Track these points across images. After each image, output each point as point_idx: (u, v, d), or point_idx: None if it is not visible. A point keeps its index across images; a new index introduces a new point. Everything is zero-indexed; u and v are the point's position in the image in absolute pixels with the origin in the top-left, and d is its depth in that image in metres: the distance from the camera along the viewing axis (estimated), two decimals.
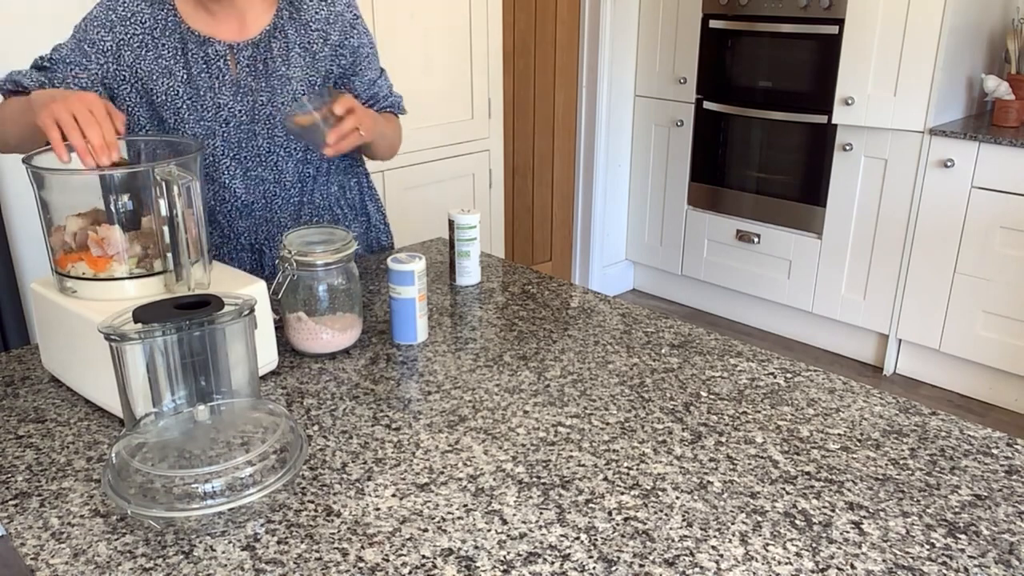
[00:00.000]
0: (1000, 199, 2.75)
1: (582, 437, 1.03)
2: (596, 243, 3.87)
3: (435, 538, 0.85)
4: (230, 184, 1.45)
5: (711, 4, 3.38)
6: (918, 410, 1.10)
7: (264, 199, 1.49)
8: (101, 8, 1.36)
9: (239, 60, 1.40)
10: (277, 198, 1.50)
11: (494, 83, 3.06)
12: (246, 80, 1.40)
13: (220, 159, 1.43)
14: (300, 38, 1.44)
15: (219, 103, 1.39)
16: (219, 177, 1.44)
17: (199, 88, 1.38)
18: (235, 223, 1.49)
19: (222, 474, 0.84)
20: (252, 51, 1.41)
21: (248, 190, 1.46)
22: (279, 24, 1.42)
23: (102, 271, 1.08)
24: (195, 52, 1.37)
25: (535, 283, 1.54)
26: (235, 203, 1.47)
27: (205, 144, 1.40)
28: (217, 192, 1.46)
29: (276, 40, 1.42)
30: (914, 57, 2.85)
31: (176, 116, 1.38)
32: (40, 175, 1.10)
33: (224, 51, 1.39)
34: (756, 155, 3.41)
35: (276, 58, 1.42)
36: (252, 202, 1.48)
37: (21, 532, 0.86)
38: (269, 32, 1.41)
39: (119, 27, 1.35)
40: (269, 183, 1.47)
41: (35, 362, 1.24)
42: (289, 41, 1.43)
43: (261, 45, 1.41)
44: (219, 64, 1.38)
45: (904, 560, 0.82)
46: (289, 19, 1.43)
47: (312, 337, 1.23)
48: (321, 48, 1.45)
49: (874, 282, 3.14)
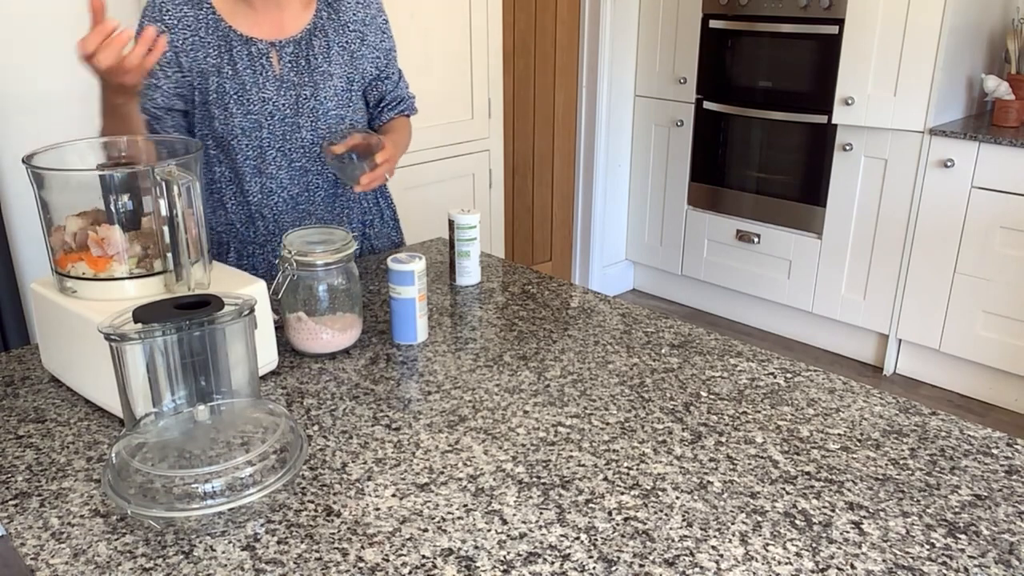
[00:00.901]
0: (1000, 199, 2.75)
1: (582, 437, 1.03)
2: (596, 243, 3.87)
3: (435, 538, 0.85)
4: (277, 175, 1.51)
5: (711, 4, 3.38)
6: (918, 410, 1.10)
7: (307, 191, 1.55)
8: (149, 21, 1.42)
9: (281, 57, 1.47)
10: (319, 190, 1.57)
11: (494, 83, 3.06)
12: (289, 76, 1.48)
13: (267, 151, 1.49)
14: (339, 37, 1.52)
15: (264, 97, 1.46)
16: (266, 168, 1.50)
17: (245, 84, 1.44)
18: (281, 218, 1.55)
19: (222, 474, 0.84)
20: (294, 48, 1.48)
21: (293, 181, 1.53)
22: (319, 23, 1.50)
23: (102, 271, 1.08)
24: (239, 50, 1.44)
25: (535, 283, 1.54)
26: (282, 195, 1.53)
27: (252, 136, 1.47)
28: (264, 184, 1.52)
29: (317, 38, 1.50)
30: (914, 57, 2.85)
31: (225, 112, 1.45)
32: (40, 175, 1.10)
33: (266, 48, 1.46)
34: (756, 155, 3.41)
35: (318, 55, 1.49)
36: (297, 194, 1.54)
37: (21, 532, 0.86)
38: (310, 30, 1.49)
39: (174, 35, 1.42)
40: (312, 174, 1.54)
41: (35, 362, 1.24)
42: (329, 40, 1.51)
43: (303, 42, 1.49)
44: (262, 61, 1.46)
45: (904, 560, 0.82)
46: (328, 19, 1.51)
47: (312, 337, 1.23)
48: (359, 48, 1.54)
49: (874, 282, 3.14)
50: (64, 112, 2.29)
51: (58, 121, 2.28)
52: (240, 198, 1.52)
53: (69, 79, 2.29)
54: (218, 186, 1.52)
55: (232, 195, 1.52)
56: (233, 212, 1.53)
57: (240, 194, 1.52)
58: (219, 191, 1.52)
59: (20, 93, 2.21)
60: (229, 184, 1.52)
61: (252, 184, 1.51)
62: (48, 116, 2.26)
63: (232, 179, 1.51)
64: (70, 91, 2.30)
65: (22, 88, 2.21)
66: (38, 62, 2.23)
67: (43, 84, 2.25)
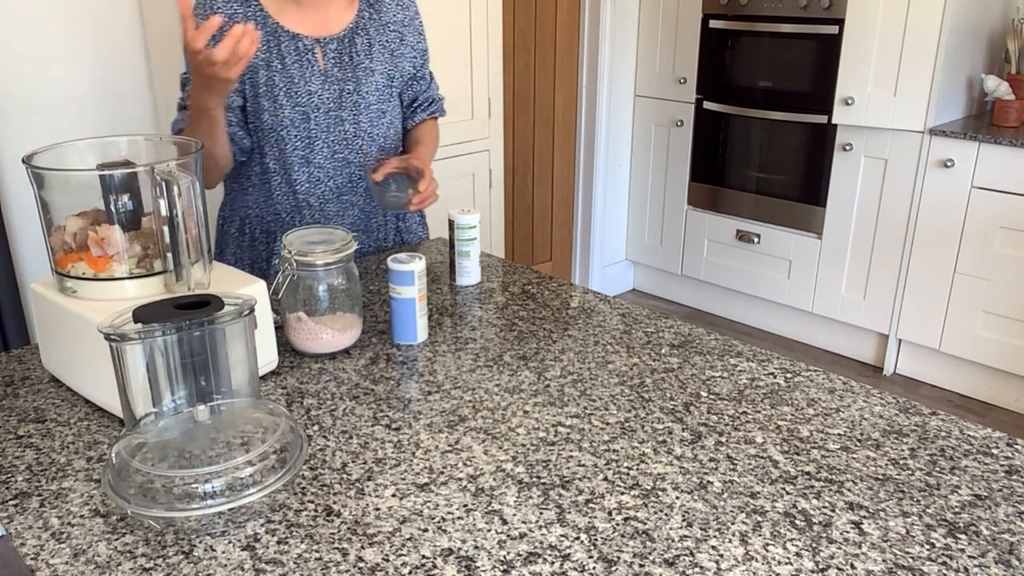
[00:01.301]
0: (1000, 199, 2.75)
1: (582, 437, 1.03)
2: (596, 243, 3.87)
3: (435, 538, 0.85)
4: (323, 165, 1.57)
5: (711, 4, 3.38)
6: (918, 410, 1.10)
7: (350, 183, 1.61)
8: (201, 17, 1.45)
9: (326, 53, 1.54)
10: (362, 182, 1.62)
11: (494, 83, 3.06)
12: (332, 71, 1.54)
13: (315, 141, 1.55)
14: (380, 36, 1.59)
15: (310, 90, 1.52)
16: (314, 159, 1.56)
17: (293, 77, 1.51)
18: (326, 207, 1.60)
19: (222, 474, 0.84)
20: (338, 45, 1.55)
21: (337, 172, 1.59)
22: (361, 22, 1.57)
23: (102, 271, 1.08)
24: (287, 45, 1.51)
25: (535, 283, 1.54)
26: (328, 184, 1.59)
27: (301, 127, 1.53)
28: (312, 174, 1.57)
29: (359, 36, 1.57)
30: (914, 57, 2.85)
31: (275, 104, 1.51)
32: (40, 175, 1.10)
33: (312, 45, 1.53)
34: (756, 155, 3.41)
35: (360, 52, 1.56)
36: (341, 184, 1.60)
37: (21, 532, 0.86)
38: (353, 28, 1.56)
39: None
40: (355, 166, 1.60)
41: (35, 362, 1.24)
42: (371, 38, 1.58)
43: (346, 40, 1.55)
44: (308, 56, 1.52)
45: (904, 560, 0.82)
46: (370, 19, 1.58)
47: (312, 337, 1.23)
48: (398, 47, 1.61)
49: (874, 282, 3.14)
50: (64, 112, 2.29)
51: (58, 121, 2.28)
52: (287, 188, 1.58)
53: (69, 80, 2.29)
54: (266, 177, 1.57)
55: (279, 185, 1.58)
56: (280, 202, 1.59)
57: (287, 184, 1.57)
58: (267, 182, 1.58)
59: (20, 93, 2.21)
60: (276, 175, 1.57)
61: (300, 174, 1.56)
62: (48, 116, 2.26)
63: (280, 170, 1.56)
64: (70, 91, 2.30)
65: (22, 88, 2.21)
66: (38, 63, 2.23)
67: (43, 84, 2.25)
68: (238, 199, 1.62)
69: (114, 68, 2.37)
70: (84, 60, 2.31)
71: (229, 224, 1.64)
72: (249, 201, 1.60)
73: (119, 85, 2.39)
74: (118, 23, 2.36)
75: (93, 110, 2.36)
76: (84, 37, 2.30)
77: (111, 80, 2.37)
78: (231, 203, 1.64)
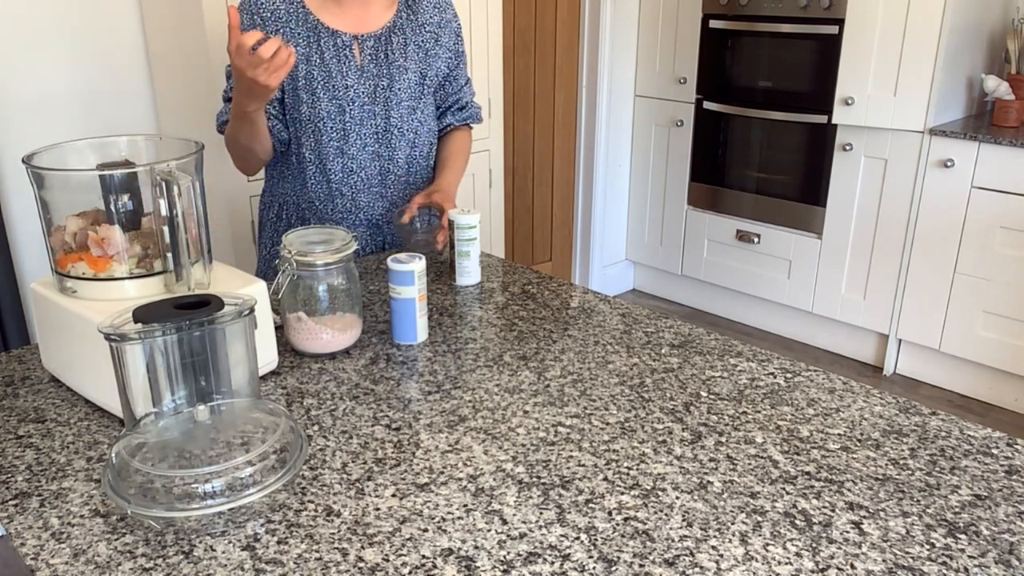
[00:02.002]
0: (1000, 199, 2.75)
1: (582, 437, 1.03)
2: (596, 243, 3.87)
3: (435, 538, 0.85)
4: (357, 156, 1.63)
5: (711, 4, 3.38)
6: (918, 410, 1.10)
7: (380, 175, 1.67)
8: (245, 13, 1.56)
9: (363, 49, 1.60)
10: (390, 175, 1.68)
11: (494, 83, 3.06)
12: (368, 67, 1.60)
13: (349, 133, 1.62)
14: (416, 36, 1.64)
15: (347, 84, 1.59)
16: (348, 149, 1.63)
17: (331, 71, 1.57)
18: (358, 196, 1.66)
19: (222, 474, 0.84)
20: (375, 43, 1.61)
21: (369, 163, 1.65)
22: (398, 22, 1.63)
23: (102, 271, 1.08)
24: (326, 40, 1.57)
25: (535, 283, 1.54)
26: (360, 174, 1.65)
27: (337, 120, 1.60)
28: (346, 164, 1.64)
29: (396, 35, 1.62)
30: (914, 57, 2.85)
31: (313, 96, 1.58)
32: (40, 175, 1.10)
33: (350, 41, 1.59)
34: (756, 155, 3.41)
35: (395, 50, 1.62)
36: (371, 176, 1.66)
37: (21, 532, 0.86)
38: (390, 28, 1.62)
39: (267, 27, 1.55)
40: (384, 159, 1.66)
41: (35, 362, 1.24)
42: (407, 38, 1.63)
43: (382, 38, 1.61)
44: (346, 52, 1.58)
45: (904, 560, 0.82)
46: (407, 19, 1.64)
47: (312, 337, 1.23)
48: (433, 47, 1.67)
49: (874, 282, 3.14)
50: (64, 112, 2.29)
51: (58, 121, 2.28)
52: (322, 177, 1.63)
53: (69, 80, 2.29)
54: (302, 167, 1.64)
55: (314, 175, 1.64)
56: (314, 191, 1.65)
57: (323, 173, 1.63)
58: (303, 171, 1.64)
59: (20, 93, 2.21)
60: (311, 165, 1.63)
61: (334, 164, 1.62)
62: (48, 116, 2.26)
63: (315, 160, 1.62)
64: (70, 91, 2.30)
65: (22, 88, 2.21)
66: (39, 63, 2.23)
67: (43, 84, 2.25)
68: (276, 186, 1.70)
69: (114, 68, 2.37)
70: (84, 60, 2.31)
71: (268, 209, 1.73)
72: (287, 188, 1.68)
73: (119, 85, 2.39)
74: (118, 23, 2.36)
75: (93, 110, 2.36)
76: (84, 37, 2.30)
77: (111, 80, 2.37)
78: (271, 189, 1.72)
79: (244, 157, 1.60)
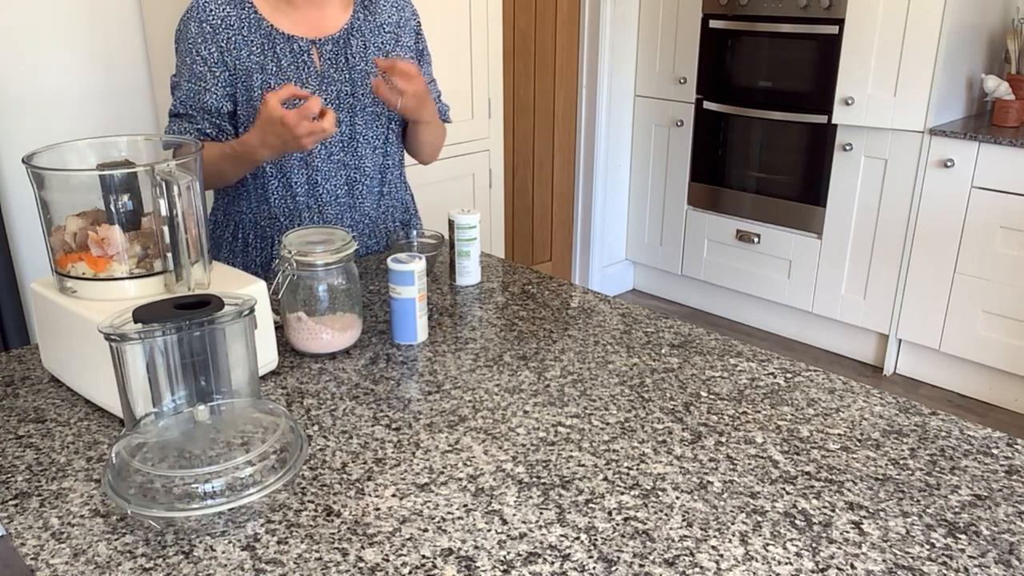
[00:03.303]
0: (1000, 199, 2.75)
1: (582, 437, 1.03)
2: (596, 243, 3.87)
3: (435, 538, 0.85)
4: (321, 167, 1.56)
5: (711, 4, 3.38)
6: (918, 410, 1.10)
7: (347, 186, 1.59)
8: (194, 22, 1.47)
9: (322, 54, 1.52)
10: (359, 185, 1.61)
11: (494, 83, 3.06)
12: (329, 72, 1.52)
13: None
14: (375, 38, 1.57)
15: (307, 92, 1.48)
16: (312, 161, 1.55)
17: (290, 79, 1.49)
18: (325, 210, 1.59)
19: (222, 474, 0.84)
20: (333, 47, 1.53)
21: (335, 174, 1.57)
22: (356, 24, 1.55)
23: (102, 271, 1.08)
24: (282, 47, 1.49)
25: (535, 283, 1.54)
26: (326, 186, 1.57)
27: None
28: (310, 176, 1.56)
29: (354, 38, 1.55)
30: (914, 57, 2.85)
31: None
32: (40, 175, 1.10)
33: (307, 46, 1.51)
34: (756, 155, 3.41)
35: (355, 54, 1.54)
36: (338, 187, 1.59)
37: (21, 532, 0.86)
38: (348, 31, 1.54)
39: (218, 35, 1.46)
40: (351, 168, 1.59)
41: (35, 362, 1.24)
42: (366, 40, 1.56)
43: (341, 41, 1.53)
44: (304, 58, 1.50)
45: (904, 560, 0.82)
46: (364, 20, 1.57)
47: (312, 337, 1.23)
48: (393, 48, 1.59)
49: (874, 282, 3.15)
50: (64, 112, 2.29)
51: (58, 121, 2.28)
52: (285, 191, 1.56)
53: (69, 79, 2.29)
54: (262, 181, 1.56)
55: (276, 190, 1.56)
56: (277, 206, 1.57)
57: (286, 188, 1.56)
58: (263, 186, 1.56)
59: (20, 93, 2.21)
60: (272, 179, 1.55)
61: (299, 176, 1.55)
62: (48, 116, 2.26)
63: (277, 174, 1.55)
64: (70, 91, 2.30)
65: (22, 88, 2.21)
66: (39, 62, 2.23)
67: (43, 84, 2.25)
68: (232, 204, 1.60)
69: (114, 68, 2.37)
70: (84, 60, 2.31)
71: (223, 228, 1.62)
72: (243, 206, 1.59)
73: (119, 85, 2.39)
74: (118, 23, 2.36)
75: (93, 110, 2.36)
76: (84, 37, 2.30)
77: (111, 80, 2.37)
78: (224, 207, 1.62)
79: (212, 184, 1.52)
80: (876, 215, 3.08)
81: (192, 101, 1.48)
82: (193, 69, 1.47)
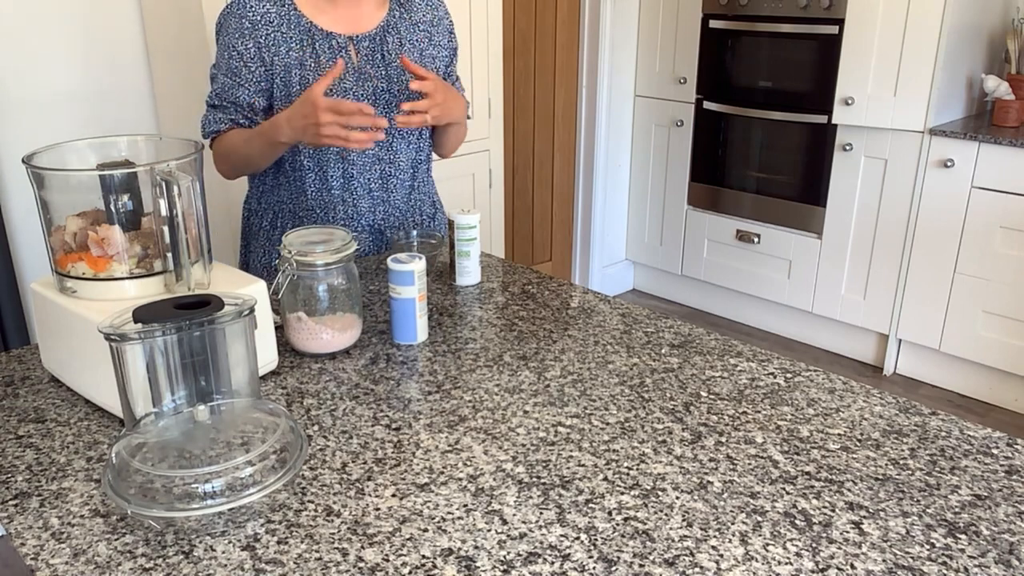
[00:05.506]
0: (1000, 199, 2.75)
1: (582, 437, 1.03)
2: (596, 243, 3.87)
3: (435, 538, 0.85)
4: (357, 161, 1.60)
5: (711, 4, 3.38)
6: (918, 410, 1.10)
7: (381, 179, 1.63)
8: (234, 17, 1.50)
9: (359, 50, 1.55)
10: (392, 179, 1.65)
11: (494, 83, 3.06)
12: (366, 69, 1.56)
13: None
14: (410, 35, 1.61)
15: (344, 88, 1.54)
16: (348, 155, 1.59)
17: None
18: (359, 203, 1.63)
19: (222, 474, 0.84)
20: (370, 43, 1.56)
21: (371, 168, 1.62)
22: (392, 22, 1.59)
23: (102, 271, 1.08)
24: (321, 43, 1.52)
25: (535, 283, 1.54)
26: (361, 180, 1.61)
27: None
28: (346, 170, 1.60)
29: (390, 35, 1.58)
30: (914, 57, 2.85)
31: None
32: (40, 175, 1.10)
33: (345, 43, 1.54)
34: (756, 155, 3.42)
35: (391, 50, 1.58)
36: (372, 180, 1.63)
37: (21, 532, 0.86)
38: (384, 28, 1.58)
39: (256, 31, 1.49)
40: (385, 163, 1.63)
41: (35, 362, 1.24)
42: (402, 37, 1.59)
43: (377, 38, 1.57)
44: (342, 54, 1.53)
45: (904, 560, 0.82)
46: (400, 18, 1.60)
47: (312, 337, 1.23)
48: (427, 46, 1.63)
49: (874, 282, 3.15)
50: (64, 112, 2.29)
51: (58, 121, 2.28)
52: (322, 184, 1.60)
53: (69, 80, 2.29)
54: (300, 173, 1.59)
55: (313, 182, 1.59)
56: (314, 198, 1.61)
57: (322, 181, 1.59)
58: (300, 179, 1.59)
59: (20, 93, 2.21)
60: (310, 172, 1.59)
61: (335, 170, 1.59)
62: (48, 116, 2.26)
63: (314, 167, 1.58)
64: (70, 91, 2.30)
65: (22, 88, 2.21)
66: (38, 63, 2.23)
67: (43, 84, 2.25)
68: (270, 193, 1.64)
69: (114, 68, 2.37)
70: (84, 60, 2.31)
71: (259, 216, 1.66)
72: (282, 195, 1.63)
73: (119, 85, 2.39)
74: (118, 23, 2.36)
75: (93, 110, 2.36)
76: (84, 37, 2.30)
77: (111, 80, 2.37)
78: (260, 196, 1.66)
79: (243, 169, 1.57)
80: (876, 215, 3.08)
81: (226, 94, 1.52)
82: (229, 64, 1.50)
